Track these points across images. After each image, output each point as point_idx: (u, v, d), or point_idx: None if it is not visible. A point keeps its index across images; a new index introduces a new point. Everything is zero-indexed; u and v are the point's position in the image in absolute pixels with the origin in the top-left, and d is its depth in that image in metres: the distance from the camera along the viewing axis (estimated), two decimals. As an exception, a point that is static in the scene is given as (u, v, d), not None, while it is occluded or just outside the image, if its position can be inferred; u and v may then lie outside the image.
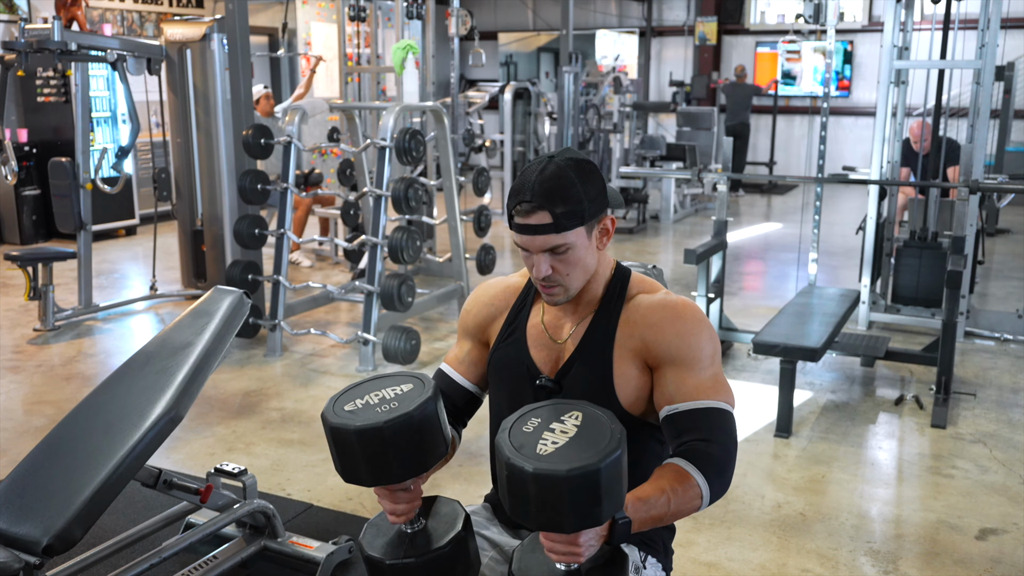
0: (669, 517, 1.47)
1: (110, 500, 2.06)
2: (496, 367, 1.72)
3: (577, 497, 1.26)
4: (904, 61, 5.21)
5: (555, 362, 1.65)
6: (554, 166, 1.53)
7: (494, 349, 1.72)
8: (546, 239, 1.52)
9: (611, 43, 14.03)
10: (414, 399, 1.44)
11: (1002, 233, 8.39)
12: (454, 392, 1.80)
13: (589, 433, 1.33)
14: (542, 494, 1.26)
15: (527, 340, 1.68)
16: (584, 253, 1.57)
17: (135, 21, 9.41)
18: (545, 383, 1.63)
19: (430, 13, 7.13)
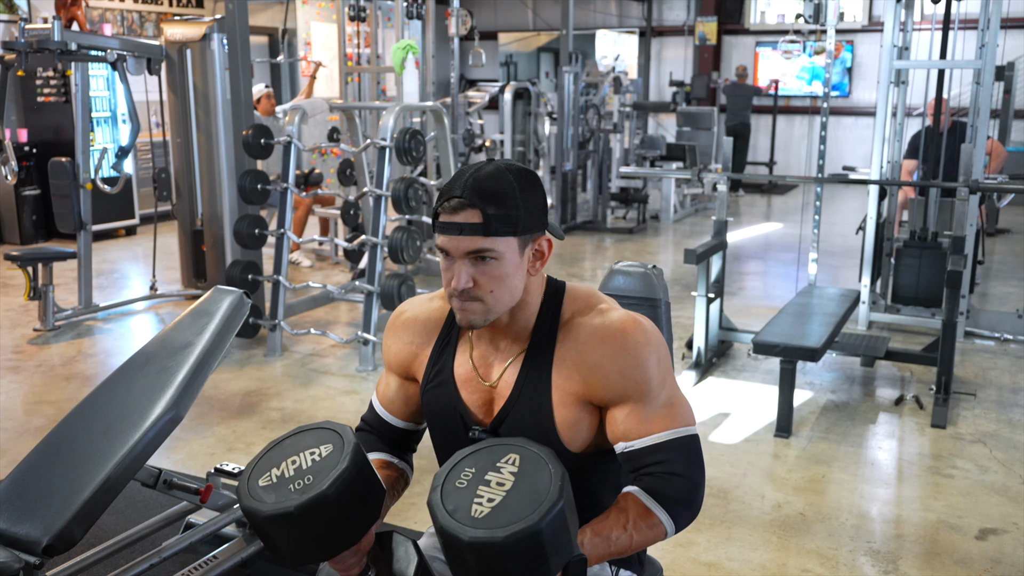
0: (632, 550, 1.39)
1: (110, 500, 2.06)
2: (428, 411, 1.57)
3: (520, 560, 1.18)
4: (904, 61, 5.21)
5: (488, 407, 1.50)
6: (494, 167, 1.38)
7: (423, 391, 1.56)
8: (472, 241, 1.35)
9: (611, 43, 14.03)
10: (328, 471, 1.28)
11: (1002, 233, 8.39)
12: (390, 432, 1.68)
13: (528, 481, 1.23)
14: (482, 562, 1.18)
15: (455, 382, 1.51)
16: (512, 270, 1.38)
17: (135, 21, 9.41)
18: (479, 435, 1.47)
19: (430, 13, 7.14)
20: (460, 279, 1.37)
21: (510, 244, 1.37)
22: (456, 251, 1.37)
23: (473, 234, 1.35)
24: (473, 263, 1.37)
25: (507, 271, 1.38)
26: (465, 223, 1.35)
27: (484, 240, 1.35)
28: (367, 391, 4.30)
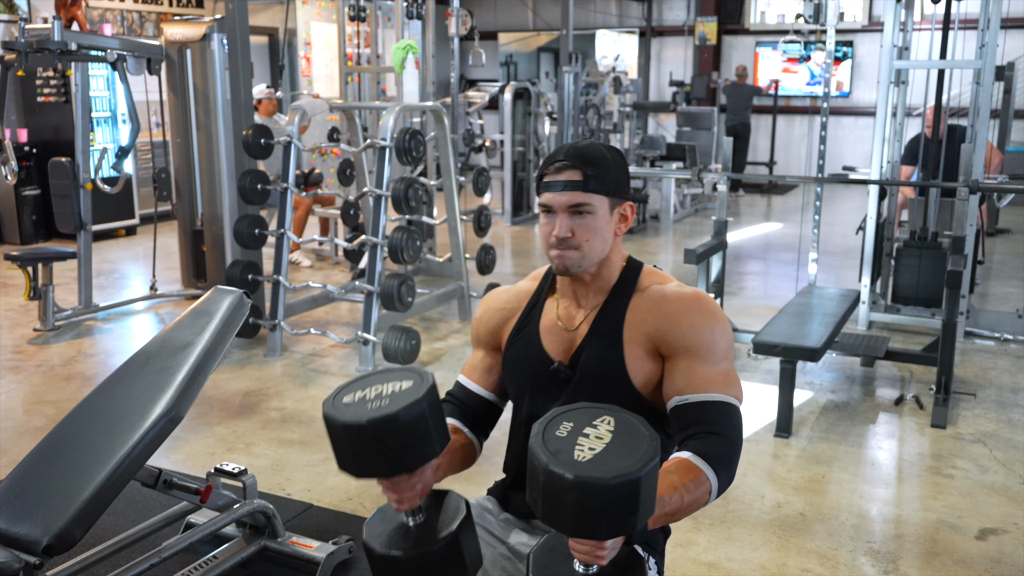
0: (681, 512, 1.47)
1: (110, 500, 2.06)
2: (509, 363, 1.74)
3: (616, 506, 1.25)
4: (904, 61, 5.21)
5: (568, 348, 1.67)
6: (589, 141, 1.64)
7: (507, 347, 1.74)
8: (572, 196, 1.58)
9: (611, 43, 14.03)
10: (404, 399, 1.41)
11: (1002, 233, 8.39)
12: (471, 401, 1.80)
13: (624, 439, 1.31)
14: (581, 502, 1.24)
15: (539, 333, 1.70)
16: (603, 225, 1.61)
17: (135, 21, 9.41)
18: (559, 367, 1.65)
19: (430, 13, 7.14)
20: (561, 228, 1.59)
21: (602, 202, 1.61)
22: (558, 205, 1.60)
23: (573, 190, 1.58)
24: (571, 216, 1.59)
25: (599, 224, 1.61)
26: (567, 180, 1.59)
27: (582, 195, 1.58)
28: (367, 391, 4.30)
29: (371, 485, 3.27)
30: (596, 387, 1.61)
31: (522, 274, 6.76)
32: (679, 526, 2.95)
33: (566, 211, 1.60)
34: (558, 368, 1.66)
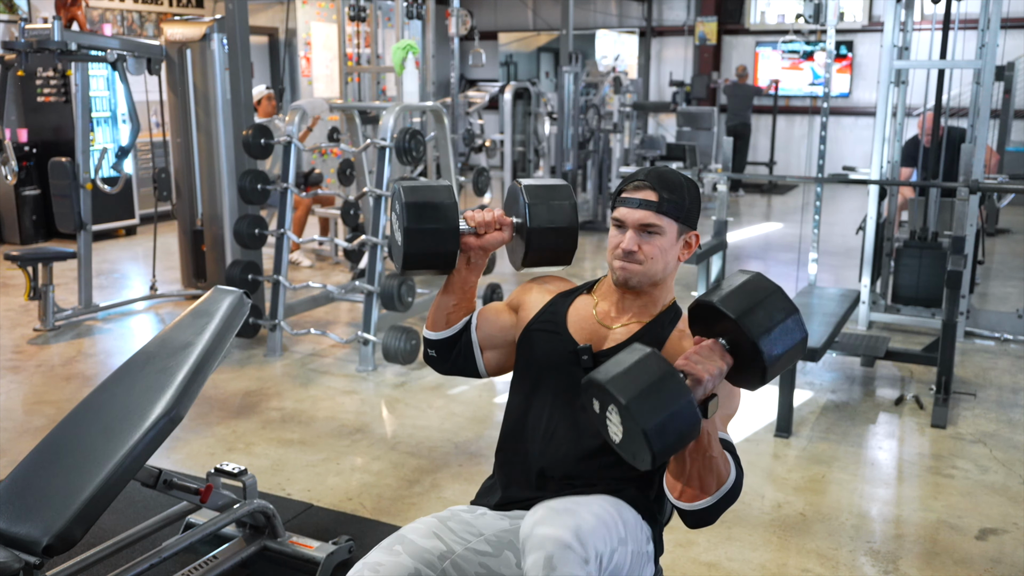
0: (709, 458, 1.53)
1: (110, 500, 2.06)
2: (526, 346, 1.79)
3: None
4: (904, 61, 5.21)
5: (598, 342, 1.73)
6: (669, 168, 1.75)
7: (529, 326, 1.80)
8: (645, 215, 1.68)
9: (611, 43, 14.03)
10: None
11: (1002, 233, 8.39)
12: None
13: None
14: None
15: (566, 320, 1.77)
16: (668, 248, 1.70)
17: (135, 21, 9.41)
18: (583, 350, 1.71)
19: (430, 13, 7.13)
20: (629, 242, 1.69)
21: (672, 227, 1.70)
22: (631, 221, 1.69)
23: (648, 209, 1.68)
24: (640, 233, 1.69)
25: (665, 247, 1.70)
26: (643, 199, 1.68)
27: (655, 216, 1.68)
28: (367, 391, 4.30)
29: (371, 485, 3.27)
30: None
31: (522, 274, 6.76)
32: (679, 526, 2.94)
33: (637, 228, 1.69)
34: (582, 351, 1.70)
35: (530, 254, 1.78)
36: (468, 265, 1.81)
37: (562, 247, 1.79)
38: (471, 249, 1.79)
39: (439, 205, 1.73)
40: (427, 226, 1.71)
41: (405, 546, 1.67)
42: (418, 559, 1.65)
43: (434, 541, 1.68)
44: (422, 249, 1.73)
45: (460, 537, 1.71)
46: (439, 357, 1.87)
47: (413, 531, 1.71)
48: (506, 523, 1.73)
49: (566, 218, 1.77)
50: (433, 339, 1.85)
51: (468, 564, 1.68)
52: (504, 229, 1.79)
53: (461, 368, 1.88)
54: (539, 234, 1.76)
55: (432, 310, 1.86)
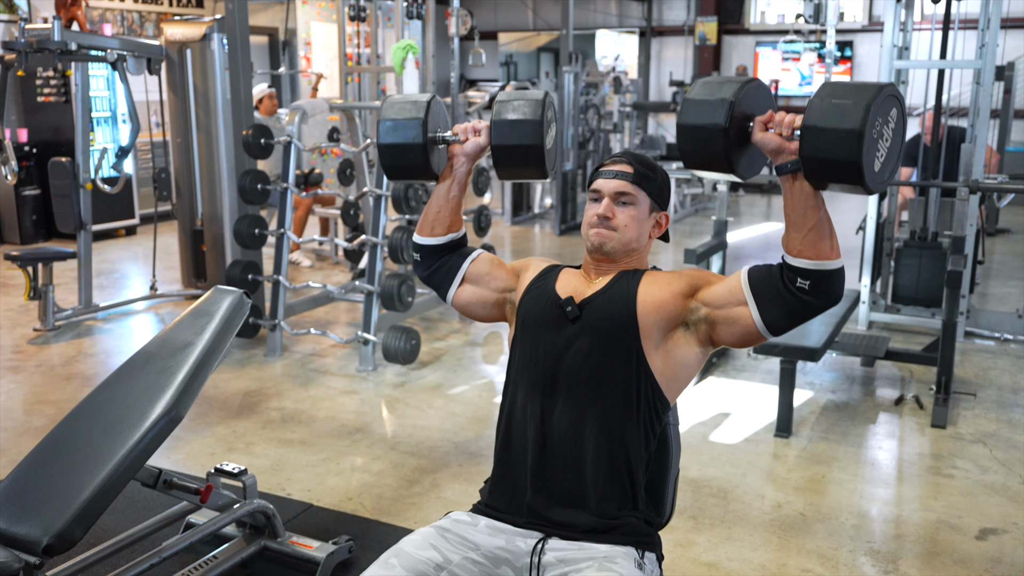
0: (823, 215, 1.58)
1: (110, 500, 2.06)
2: (524, 310, 1.84)
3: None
4: (904, 61, 5.21)
5: (579, 295, 1.79)
6: (643, 154, 1.87)
7: (526, 292, 1.86)
8: (620, 184, 1.79)
9: (611, 43, 14.03)
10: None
11: (1002, 233, 8.39)
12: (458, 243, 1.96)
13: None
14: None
15: (555, 283, 1.84)
16: (640, 219, 1.80)
17: (135, 21, 9.41)
18: (567, 302, 1.77)
19: (430, 13, 7.13)
20: (605, 208, 1.78)
21: (645, 200, 1.81)
22: (607, 190, 1.80)
23: (623, 179, 1.79)
24: (615, 202, 1.79)
25: (637, 217, 1.80)
26: (619, 170, 1.80)
27: (629, 186, 1.79)
28: (367, 391, 4.30)
29: (371, 485, 3.27)
30: (603, 320, 1.73)
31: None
32: (679, 526, 2.95)
33: (612, 196, 1.79)
34: (565, 303, 1.77)
35: (496, 164, 1.88)
36: (452, 172, 1.91)
37: (526, 162, 1.85)
38: (454, 156, 1.90)
39: (409, 121, 1.86)
40: (398, 140, 1.86)
41: (401, 559, 1.67)
42: (412, 571, 1.65)
43: (430, 552, 1.69)
44: (394, 162, 1.90)
45: (456, 547, 1.72)
46: (421, 262, 1.96)
47: (410, 543, 1.72)
48: (501, 540, 1.73)
49: (529, 134, 1.82)
50: (417, 242, 1.95)
51: (466, 573, 1.69)
52: (482, 134, 1.87)
53: (436, 282, 1.95)
54: (501, 150, 1.85)
55: (422, 214, 1.96)
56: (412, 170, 1.90)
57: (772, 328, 1.65)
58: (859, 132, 1.45)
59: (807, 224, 1.56)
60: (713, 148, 1.58)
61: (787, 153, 1.56)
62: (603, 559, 1.65)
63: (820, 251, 1.57)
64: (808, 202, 1.56)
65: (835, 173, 1.50)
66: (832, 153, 1.48)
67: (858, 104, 1.47)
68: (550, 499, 1.72)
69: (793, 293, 1.60)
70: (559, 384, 1.74)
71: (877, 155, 1.50)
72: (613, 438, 1.70)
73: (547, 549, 1.69)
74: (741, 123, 1.58)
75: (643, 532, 1.73)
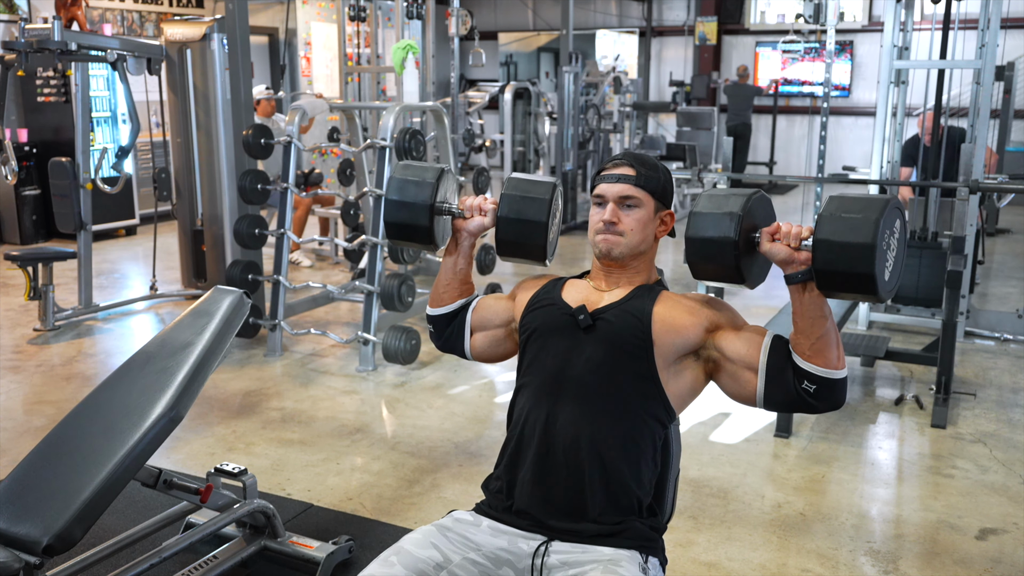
0: (831, 325, 1.61)
1: (110, 500, 2.06)
2: (528, 324, 1.84)
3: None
4: (904, 61, 5.21)
5: (591, 304, 1.79)
6: (645, 153, 1.89)
7: (529, 307, 1.86)
8: (624, 187, 1.78)
9: (611, 43, 14.03)
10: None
11: (1002, 233, 8.39)
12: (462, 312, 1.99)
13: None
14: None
15: (562, 294, 1.84)
16: (646, 220, 1.80)
17: (135, 21, 9.41)
18: (580, 311, 1.77)
19: (430, 13, 7.14)
20: (610, 213, 1.78)
21: (650, 201, 1.80)
22: (611, 194, 1.79)
23: (626, 183, 1.79)
24: (620, 206, 1.79)
25: (643, 219, 1.80)
26: (622, 174, 1.79)
27: (633, 189, 1.79)
28: (367, 391, 4.30)
29: (371, 485, 3.27)
30: (617, 332, 1.73)
31: (522, 274, 6.76)
32: (679, 526, 2.95)
33: (616, 201, 1.78)
34: (578, 311, 1.76)
35: (498, 240, 1.90)
36: (457, 247, 1.95)
37: (528, 239, 1.87)
38: (458, 231, 1.93)
39: (420, 183, 1.90)
40: (405, 199, 1.90)
41: (400, 557, 1.67)
42: (412, 569, 1.65)
43: (430, 551, 1.69)
44: (397, 220, 1.92)
45: (457, 547, 1.71)
46: (435, 332, 2.01)
47: (410, 541, 1.72)
48: (503, 541, 1.73)
49: (535, 212, 1.84)
50: (430, 315, 2.00)
51: (466, 573, 1.68)
52: (488, 215, 1.89)
53: (451, 345, 1.99)
54: (505, 222, 1.87)
55: (432, 289, 2.00)
56: (414, 231, 1.92)
57: (768, 406, 1.70)
58: (871, 245, 1.50)
59: (815, 333, 1.61)
60: (724, 260, 1.63)
61: (796, 263, 1.60)
62: (607, 562, 1.65)
63: (827, 360, 1.61)
64: (817, 312, 1.61)
65: (849, 284, 1.55)
66: (846, 266, 1.52)
67: (868, 218, 1.51)
68: (554, 506, 1.72)
69: (799, 392, 1.65)
70: (567, 391, 1.74)
71: (887, 266, 1.55)
72: (620, 450, 1.70)
73: (551, 551, 1.69)
74: (748, 234, 1.63)
75: (647, 536, 1.73)
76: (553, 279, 1.92)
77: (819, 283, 1.57)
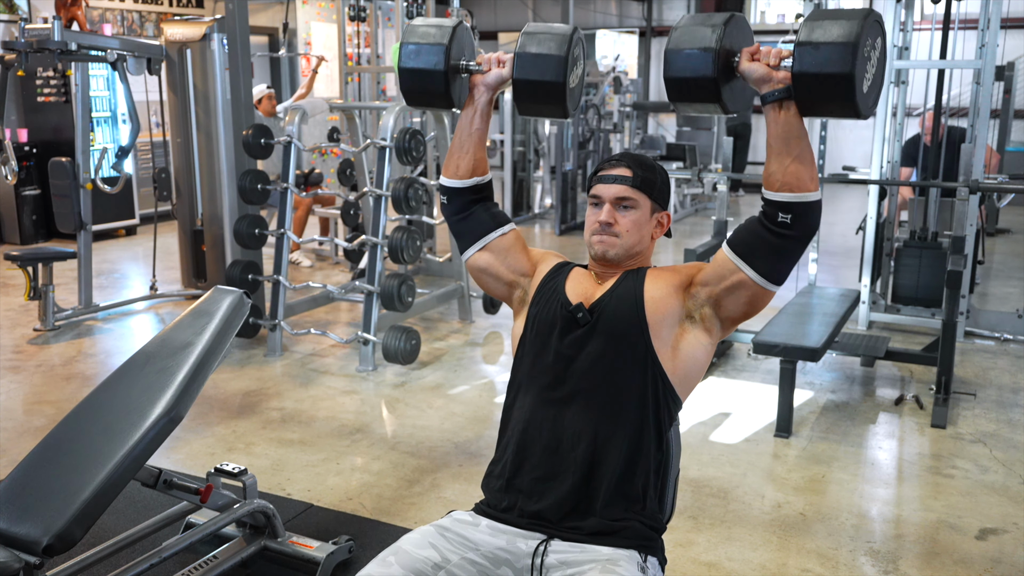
0: (806, 144, 1.61)
1: (110, 500, 2.06)
2: (533, 313, 1.84)
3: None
4: (904, 61, 5.21)
5: (588, 299, 1.79)
6: (642, 153, 1.87)
7: (536, 295, 1.86)
8: (620, 188, 1.78)
9: (611, 43, 14.03)
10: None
11: (1002, 233, 8.39)
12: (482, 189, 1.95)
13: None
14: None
15: (565, 286, 1.83)
16: (642, 222, 1.80)
17: (135, 21, 9.41)
18: (578, 308, 1.77)
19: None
20: (606, 214, 1.78)
21: (646, 202, 1.81)
22: (607, 195, 1.79)
23: (623, 183, 1.78)
24: (616, 207, 1.79)
25: (639, 220, 1.80)
26: (619, 175, 1.79)
27: (629, 190, 1.78)
28: (367, 391, 4.30)
29: (371, 485, 3.27)
30: (614, 324, 1.73)
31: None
32: (679, 526, 2.95)
33: (613, 202, 1.78)
34: (576, 309, 1.76)
35: (516, 98, 1.83)
36: (474, 102, 1.87)
37: (547, 99, 1.80)
38: (475, 85, 1.88)
39: (433, 47, 1.84)
40: (420, 66, 1.84)
41: (398, 557, 1.67)
42: (410, 569, 1.65)
43: (429, 551, 1.69)
44: (414, 88, 1.88)
45: (456, 547, 1.71)
46: (448, 204, 1.93)
47: (408, 541, 1.72)
48: (502, 541, 1.73)
49: (552, 71, 1.77)
50: (444, 184, 1.92)
51: (464, 573, 1.68)
52: (506, 65, 1.83)
53: (460, 232, 1.93)
54: (522, 84, 1.80)
55: (447, 153, 1.93)
56: (432, 96, 1.87)
57: (770, 277, 1.66)
58: (854, 43, 1.49)
59: (791, 153, 1.59)
60: (702, 72, 1.60)
61: (774, 82, 1.58)
62: (606, 561, 1.65)
63: (802, 182, 1.60)
64: (792, 131, 1.59)
65: (827, 89, 1.53)
66: (826, 67, 1.51)
67: (851, 20, 1.51)
68: (556, 503, 1.72)
69: (775, 232, 1.62)
70: (569, 388, 1.74)
71: (866, 76, 1.54)
72: (625, 441, 1.71)
73: (549, 551, 1.69)
74: (727, 56, 1.60)
75: (646, 536, 1.73)
76: (562, 262, 1.91)
77: (797, 92, 1.56)
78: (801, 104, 1.58)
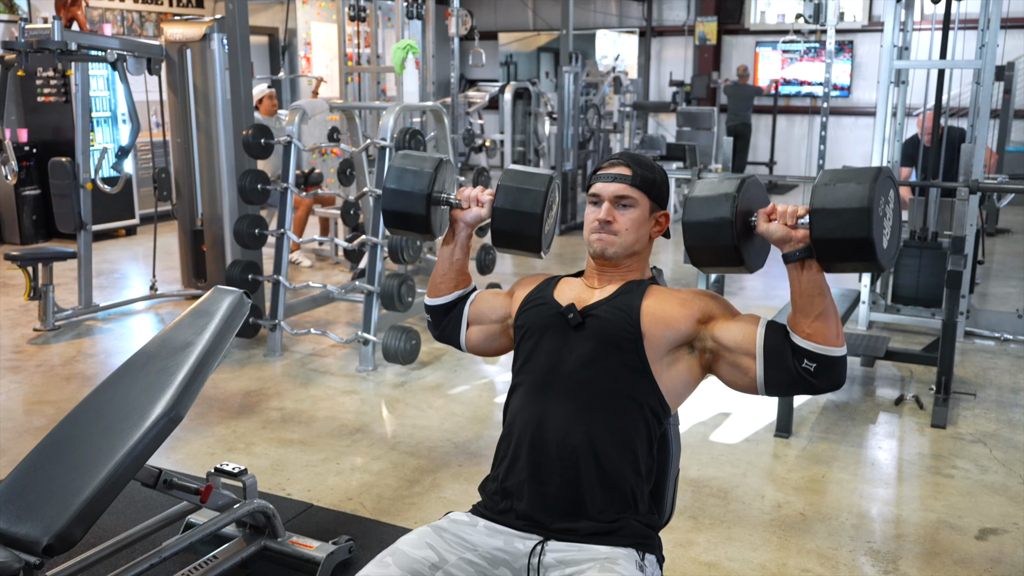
0: (829, 302, 1.62)
1: (110, 500, 2.06)
2: (522, 321, 1.86)
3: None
4: (904, 61, 5.21)
5: (581, 302, 1.81)
6: (641, 153, 1.85)
7: (523, 307, 1.88)
8: (619, 187, 1.80)
9: (611, 43, 14.03)
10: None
11: (1002, 233, 8.39)
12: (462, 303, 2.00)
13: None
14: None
15: (554, 293, 1.86)
16: (641, 221, 1.82)
17: (135, 21, 9.41)
18: (569, 309, 1.79)
19: (430, 13, 7.14)
20: (605, 212, 1.80)
21: (644, 201, 1.82)
22: (606, 194, 1.81)
23: (622, 182, 1.80)
24: (615, 206, 1.81)
25: (638, 219, 1.81)
26: (618, 174, 1.81)
27: (628, 188, 1.80)
28: (367, 391, 4.30)
29: (371, 485, 3.27)
30: (607, 328, 1.74)
31: (521, 273, 6.77)
32: (679, 526, 2.95)
33: (612, 200, 1.80)
34: (567, 310, 1.78)
35: (493, 230, 1.91)
36: (454, 237, 1.96)
37: (523, 230, 1.88)
38: (455, 221, 1.95)
39: (418, 172, 1.92)
40: (403, 188, 1.92)
41: (396, 558, 1.68)
42: (408, 570, 1.66)
43: (426, 551, 1.69)
44: (395, 208, 1.94)
45: (453, 547, 1.71)
46: (432, 322, 2.03)
47: (406, 542, 1.72)
48: (499, 541, 1.73)
49: (530, 204, 1.86)
50: (427, 304, 2.02)
51: (462, 573, 1.68)
52: (485, 206, 1.91)
53: (448, 336, 2.02)
54: (501, 213, 1.88)
55: (430, 278, 2.02)
56: (412, 220, 1.94)
57: (770, 390, 1.69)
58: (868, 209, 1.51)
59: (814, 311, 1.62)
60: (722, 241, 1.65)
61: (794, 242, 1.61)
62: (604, 560, 1.65)
63: (827, 337, 1.62)
64: (815, 289, 1.61)
65: (847, 252, 1.55)
66: (844, 232, 1.53)
67: (862, 184, 1.52)
68: (550, 505, 1.72)
69: (799, 372, 1.64)
70: (560, 389, 1.74)
71: (884, 233, 1.56)
72: (615, 444, 1.70)
73: (547, 550, 1.69)
74: (744, 217, 1.64)
75: (644, 534, 1.73)
76: (548, 278, 1.94)
77: (818, 254, 1.58)
78: (823, 264, 1.60)
